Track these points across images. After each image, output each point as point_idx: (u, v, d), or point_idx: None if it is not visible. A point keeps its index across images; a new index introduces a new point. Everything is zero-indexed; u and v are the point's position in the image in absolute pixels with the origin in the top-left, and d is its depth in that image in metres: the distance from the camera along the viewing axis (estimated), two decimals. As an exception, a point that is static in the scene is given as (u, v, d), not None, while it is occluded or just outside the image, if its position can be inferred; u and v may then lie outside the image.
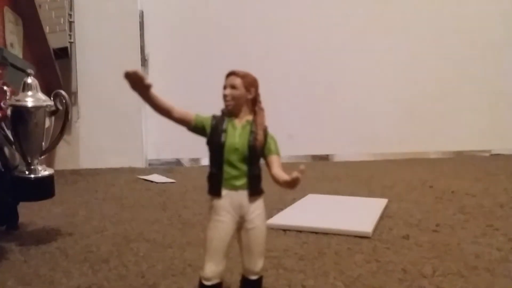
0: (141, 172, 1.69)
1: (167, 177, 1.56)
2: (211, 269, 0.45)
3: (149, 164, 2.02)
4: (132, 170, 1.78)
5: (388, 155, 2.10)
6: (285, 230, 0.85)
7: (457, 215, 0.96)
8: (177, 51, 2.08)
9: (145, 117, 1.97)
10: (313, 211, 1.00)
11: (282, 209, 0.97)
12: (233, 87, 0.45)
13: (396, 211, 1.00)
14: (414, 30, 2.14)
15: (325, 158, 2.15)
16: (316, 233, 0.84)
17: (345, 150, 2.15)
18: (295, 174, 0.41)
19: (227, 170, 0.45)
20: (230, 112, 0.46)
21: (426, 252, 0.73)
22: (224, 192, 0.45)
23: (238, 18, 2.08)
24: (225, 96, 0.46)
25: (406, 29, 2.14)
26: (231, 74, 0.46)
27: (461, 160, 1.98)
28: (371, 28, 2.13)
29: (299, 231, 0.85)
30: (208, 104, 0.57)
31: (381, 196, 1.16)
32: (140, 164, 1.93)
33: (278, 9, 2.09)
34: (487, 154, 2.20)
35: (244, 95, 0.46)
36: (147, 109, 2.13)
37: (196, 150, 2.11)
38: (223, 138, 0.45)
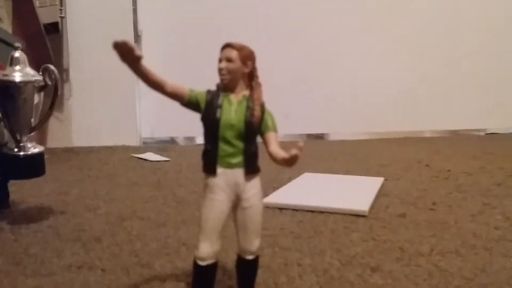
0: (135, 151, 1.67)
1: (162, 155, 1.54)
2: (206, 249, 0.43)
3: (143, 143, 2.00)
4: (126, 149, 1.76)
5: (384, 134, 2.09)
6: (281, 208, 0.84)
7: (454, 193, 0.96)
8: (170, 27, 2.03)
9: (139, 95, 1.94)
10: (309, 190, 0.99)
11: (277, 188, 0.96)
12: (229, 60, 0.43)
13: (392, 189, 1.00)
14: (410, 10, 2.11)
15: (320, 137, 2.14)
16: (312, 211, 0.83)
17: (340, 129, 2.13)
18: (293, 151, 0.40)
19: (223, 147, 0.43)
20: (226, 87, 0.44)
21: (423, 230, 0.72)
22: (220, 170, 0.43)
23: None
24: (220, 70, 0.44)
25: (402, 10, 2.11)
26: (226, 46, 0.44)
27: (457, 139, 1.98)
28: (368, 9, 2.10)
29: (295, 209, 0.84)
30: (203, 80, 0.55)
31: (377, 175, 1.15)
32: (134, 142, 1.91)
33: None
34: (482, 133, 2.20)
35: (240, 69, 0.44)
36: (141, 86, 2.10)
37: (191, 128, 2.09)
38: (218, 114, 0.43)
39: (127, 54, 0.39)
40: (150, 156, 1.52)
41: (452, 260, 0.60)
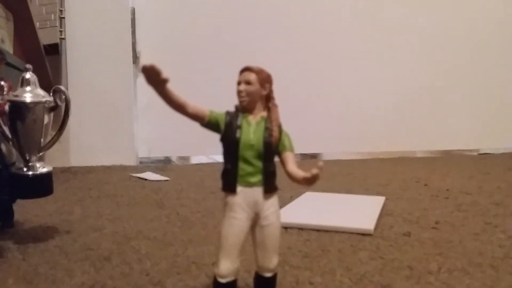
0: (134, 170, 1.67)
1: (161, 175, 1.54)
2: (227, 267, 0.44)
3: (140, 162, 2.00)
4: (124, 168, 1.76)
5: (377, 154, 2.11)
6: (286, 228, 0.85)
7: (455, 213, 0.97)
8: (169, 49, 2.06)
9: (136, 115, 1.95)
10: (313, 209, 1.00)
11: (281, 207, 0.97)
12: (247, 82, 0.45)
13: (394, 209, 1.01)
14: (404, 31, 2.16)
15: (314, 156, 2.16)
16: (318, 230, 0.84)
17: (333, 149, 2.15)
18: (314, 170, 0.41)
19: (242, 167, 0.44)
20: (244, 108, 0.46)
21: (429, 249, 0.73)
22: (239, 188, 0.44)
23: (232, 16, 2.07)
24: (239, 92, 0.45)
25: (396, 31, 2.15)
26: (245, 69, 0.46)
27: (451, 159, 2.00)
28: (360, 31, 2.14)
29: (300, 228, 0.85)
30: (200, 102, 0.56)
31: (377, 194, 1.16)
32: (131, 162, 1.91)
33: (270, 8, 2.09)
34: (475, 153, 2.23)
35: (259, 91, 0.45)
36: (138, 106, 2.11)
37: (186, 148, 2.10)
38: (238, 134, 0.44)
39: (154, 77, 0.40)
40: (150, 175, 1.53)
41: (461, 278, 0.61)
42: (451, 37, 2.17)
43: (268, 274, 0.46)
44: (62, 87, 0.77)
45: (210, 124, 0.46)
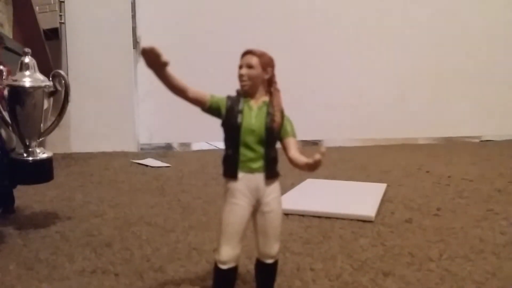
0: (135, 156, 1.66)
1: (162, 161, 1.54)
2: (228, 253, 0.44)
3: (141, 149, 1.99)
4: (125, 154, 1.75)
5: (379, 140, 2.10)
6: (287, 214, 0.85)
7: (457, 199, 0.97)
8: (170, 33, 2.04)
9: (137, 101, 1.94)
10: (314, 196, 1.00)
11: (282, 194, 0.96)
12: (249, 66, 0.44)
13: (395, 195, 1.01)
14: (405, 20, 2.14)
15: (315, 143, 2.15)
16: (319, 217, 0.83)
17: (335, 136, 2.15)
18: (317, 156, 0.40)
19: (244, 152, 0.44)
20: (246, 93, 0.45)
21: (430, 236, 0.73)
22: (240, 174, 0.44)
23: (233, 1, 2.05)
24: (241, 76, 0.44)
25: (398, 19, 2.13)
26: (247, 53, 0.45)
27: (453, 146, 2.00)
28: (364, 17, 2.12)
29: (302, 215, 0.85)
30: (201, 86, 0.55)
31: (379, 181, 1.16)
32: (132, 148, 1.91)
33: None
34: (477, 140, 2.22)
35: (260, 75, 0.44)
36: (139, 92, 2.09)
37: (187, 134, 2.10)
38: (239, 119, 0.44)
39: (155, 60, 0.40)
40: (151, 162, 1.52)
41: (462, 264, 0.60)
42: (455, 24, 2.15)
43: (269, 261, 0.46)
44: (61, 72, 0.76)
45: (211, 109, 0.45)
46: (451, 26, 2.15)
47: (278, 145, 0.46)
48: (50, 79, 0.76)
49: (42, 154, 0.77)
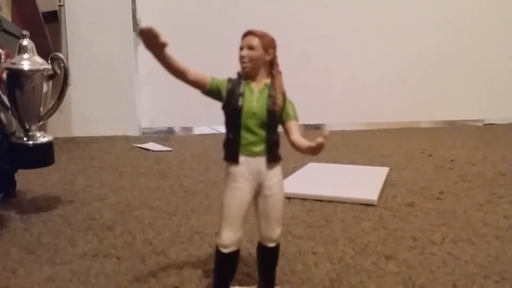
0: (136, 141, 1.66)
1: (164, 145, 1.54)
2: (229, 237, 0.43)
3: (143, 133, 1.99)
4: (127, 138, 1.75)
5: (382, 124, 2.09)
6: (289, 198, 0.85)
7: (460, 183, 0.96)
8: (170, 15, 2.01)
9: (138, 84, 1.93)
10: (316, 180, 0.99)
11: (284, 178, 0.96)
12: (250, 47, 0.43)
13: (398, 179, 1.00)
14: (408, 2, 2.11)
15: (317, 127, 2.14)
16: (321, 201, 0.83)
17: (338, 120, 2.14)
18: (319, 139, 0.40)
19: (245, 136, 0.43)
20: (247, 75, 0.44)
21: (433, 219, 0.73)
22: (242, 158, 0.43)
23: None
24: (242, 58, 0.43)
25: (401, 2, 2.10)
26: (248, 34, 0.43)
27: (456, 130, 1.99)
28: (366, 1, 2.09)
29: (304, 199, 0.84)
30: (201, 69, 0.55)
31: (381, 164, 1.15)
32: (134, 132, 1.90)
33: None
34: (480, 124, 2.21)
35: (262, 57, 0.43)
36: (140, 76, 2.09)
37: (189, 119, 2.09)
38: (240, 102, 0.43)
39: (153, 41, 0.39)
40: (152, 146, 1.52)
41: (465, 248, 0.60)
42: (456, 8, 2.12)
43: (271, 244, 0.46)
44: (60, 55, 0.75)
45: (211, 91, 0.44)
46: (454, 8, 2.12)
47: (280, 128, 0.45)
48: (49, 62, 0.75)
49: (42, 138, 0.76)
